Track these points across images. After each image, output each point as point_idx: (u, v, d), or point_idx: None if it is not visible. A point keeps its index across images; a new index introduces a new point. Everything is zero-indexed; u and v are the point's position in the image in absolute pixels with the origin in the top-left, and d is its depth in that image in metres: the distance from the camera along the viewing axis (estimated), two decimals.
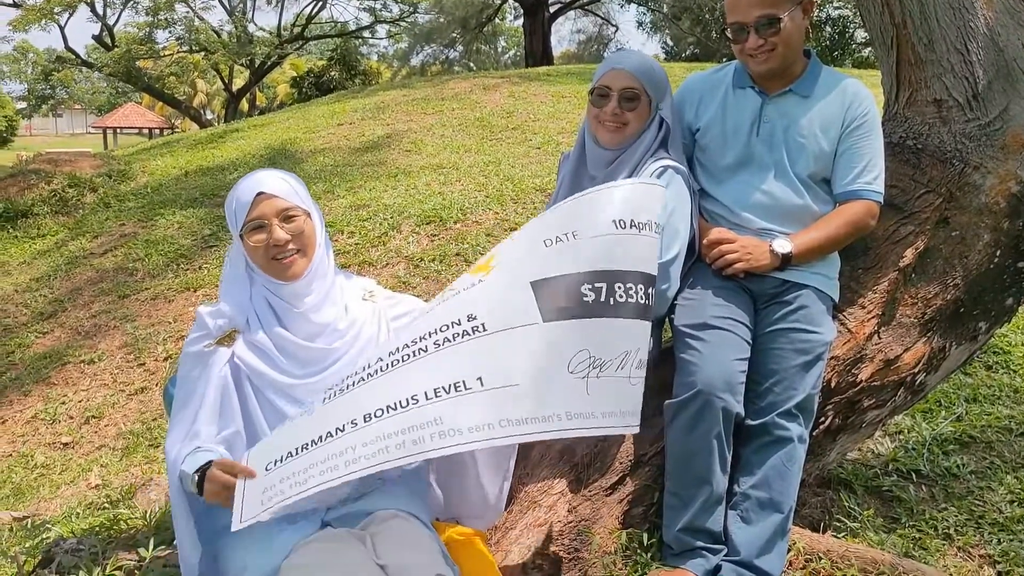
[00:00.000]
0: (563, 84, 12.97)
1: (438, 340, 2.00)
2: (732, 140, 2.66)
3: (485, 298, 2.05)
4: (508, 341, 1.98)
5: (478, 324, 2.00)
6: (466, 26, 32.46)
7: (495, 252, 2.18)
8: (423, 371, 1.97)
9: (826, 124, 2.58)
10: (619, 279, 2.07)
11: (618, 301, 2.06)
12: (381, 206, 7.40)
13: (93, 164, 10.56)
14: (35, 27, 25.52)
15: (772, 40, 2.50)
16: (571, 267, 2.06)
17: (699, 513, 2.42)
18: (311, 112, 13.39)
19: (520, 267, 2.08)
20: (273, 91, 47.27)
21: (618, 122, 2.60)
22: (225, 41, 29.11)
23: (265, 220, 2.20)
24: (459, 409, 1.89)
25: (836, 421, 2.83)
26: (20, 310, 7.03)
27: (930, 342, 2.87)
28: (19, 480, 4.57)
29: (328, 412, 2.01)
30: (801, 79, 2.62)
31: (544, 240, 2.10)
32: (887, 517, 3.11)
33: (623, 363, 2.04)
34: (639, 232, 2.12)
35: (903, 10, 2.82)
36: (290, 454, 1.96)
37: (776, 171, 2.61)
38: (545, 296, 2.03)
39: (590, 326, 2.02)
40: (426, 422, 1.87)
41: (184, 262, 7.19)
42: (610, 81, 2.61)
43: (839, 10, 28.09)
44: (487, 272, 2.11)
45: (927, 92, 2.88)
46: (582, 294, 2.04)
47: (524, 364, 1.96)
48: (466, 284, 2.12)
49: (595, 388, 2.00)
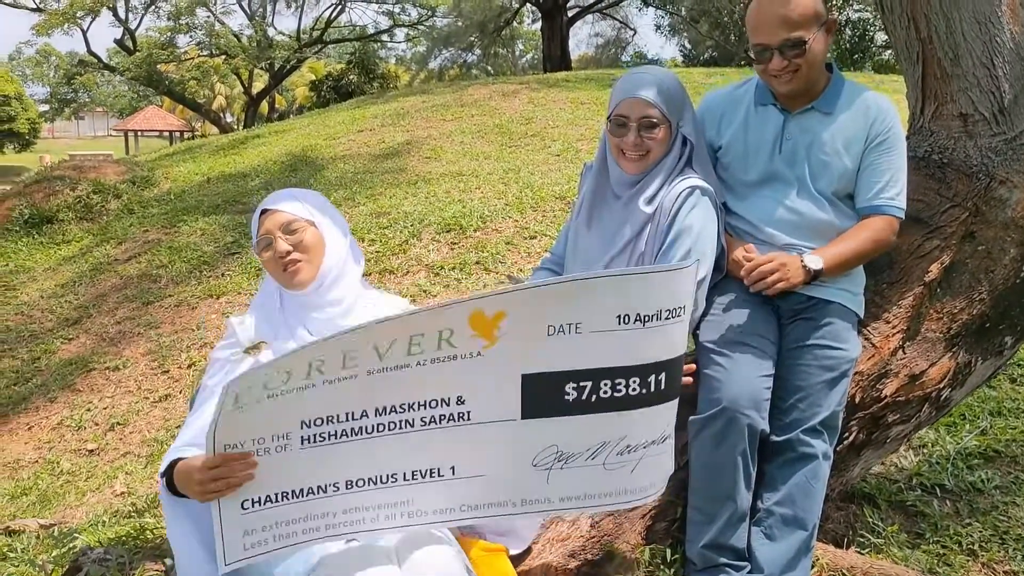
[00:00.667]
0: (582, 90, 12.98)
1: (424, 417, 2.08)
2: (754, 158, 2.66)
3: (478, 381, 2.10)
4: (485, 434, 2.11)
5: (464, 411, 2.10)
6: (484, 30, 32.50)
7: (506, 309, 2.11)
8: (405, 449, 2.09)
9: (849, 141, 2.56)
10: (607, 376, 2.14)
11: (601, 398, 2.13)
12: (401, 214, 7.44)
13: (117, 170, 10.66)
14: (58, 31, 25.81)
15: (796, 62, 2.47)
16: (564, 364, 2.13)
17: (723, 530, 2.42)
18: (331, 118, 13.46)
19: (518, 355, 2.12)
20: (292, 94, 47.49)
21: (640, 151, 2.55)
22: (245, 45, 29.34)
23: (270, 235, 2.28)
24: (429, 493, 2.10)
25: (860, 436, 2.82)
26: (46, 316, 7.11)
27: (956, 357, 2.86)
28: (45, 487, 4.62)
29: (311, 459, 2.03)
30: (823, 96, 2.60)
31: (549, 326, 2.12)
32: (911, 532, 3.10)
33: (596, 453, 2.15)
34: (643, 326, 2.14)
35: (929, 25, 2.81)
36: (270, 499, 2.01)
37: (800, 187, 2.61)
38: (530, 392, 2.12)
39: (564, 423, 2.13)
40: (400, 501, 2.09)
41: (207, 269, 7.25)
42: (627, 110, 2.56)
43: (859, 13, 27.95)
44: (489, 344, 2.10)
45: (953, 106, 2.87)
46: (565, 392, 2.13)
47: (493, 456, 2.13)
48: (466, 348, 2.08)
49: (556, 478, 2.14)
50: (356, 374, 2.05)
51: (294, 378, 2.01)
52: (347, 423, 2.06)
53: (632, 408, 2.16)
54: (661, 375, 2.17)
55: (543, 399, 2.14)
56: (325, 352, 2.02)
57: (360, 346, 2.05)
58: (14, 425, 5.47)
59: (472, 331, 2.11)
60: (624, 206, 2.61)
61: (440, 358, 2.10)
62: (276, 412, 2.01)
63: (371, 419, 2.07)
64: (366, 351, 2.06)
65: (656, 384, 2.17)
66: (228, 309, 6.39)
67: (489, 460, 2.14)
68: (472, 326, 2.12)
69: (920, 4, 2.80)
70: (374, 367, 2.07)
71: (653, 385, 2.17)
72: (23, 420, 5.50)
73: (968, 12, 2.75)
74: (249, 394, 1.98)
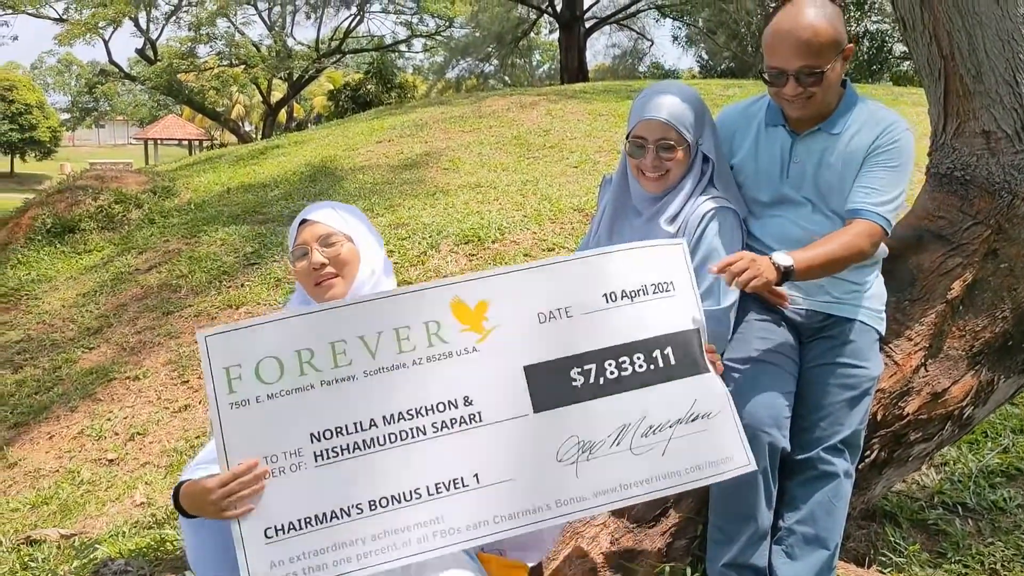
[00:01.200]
0: (600, 102, 12.99)
1: (435, 423, 2.06)
2: (765, 181, 2.64)
3: (480, 378, 2.11)
4: (502, 434, 2.08)
5: (474, 412, 2.08)
6: (501, 40, 32.61)
7: (488, 298, 2.15)
8: (423, 459, 2.05)
9: (854, 158, 2.51)
10: (610, 356, 2.14)
11: (609, 379, 2.13)
12: (420, 225, 7.46)
13: (138, 180, 10.75)
14: (80, 41, 26.11)
15: (811, 89, 2.44)
16: (562, 350, 2.14)
17: (744, 549, 2.42)
18: (350, 129, 13.53)
19: (515, 347, 2.13)
20: (310, 103, 47.81)
21: (659, 171, 2.54)
22: (265, 55, 29.57)
23: (307, 246, 2.27)
24: (458, 507, 2.02)
25: (882, 455, 2.81)
26: (67, 325, 7.17)
27: (978, 375, 2.85)
28: (66, 496, 4.66)
29: (329, 478, 2.01)
30: (832, 116, 2.55)
31: (539, 314, 2.15)
32: (933, 551, 3.07)
33: (619, 438, 2.10)
34: (632, 301, 2.17)
35: (951, 42, 2.81)
36: (293, 526, 1.97)
37: (813, 207, 2.58)
38: (536, 383, 2.11)
39: (578, 411, 2.11)
40: (430, 519, 2.00)
41: (227, 279, 7.30)
42: (644, 132, 2.54)
43: (877, 24, 27.85)
44: (482, 337, 2.13)
45: (975, 123, 2.86)
46: (571, 378, 2.12)
47: (516, 457, 2.07)
48: (459, 343, 2.11)
49: (585, 472, 2.08)
50: (353, 375, 2.06)
51: (287, 374, 2.02)
52: (357, 435, 2.04)
53: (644, 386, 2.14)
54: (667, 349, 2.17)
55: (551, 389, 2.12)
56: (309, 338, 2.05)
57: (346, 335, 2.07)
58: (35, 434, 5.51)
59: (460, 324, 2.13)
60: (645, 223, 2.60)
61: (435, 356, 2.11)
62: (281, 421, 2.01)
63: (381, 429, 2.06)
64: (353, 343, 2.07)
65: (664, 359, 2.16)
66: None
67: (512, 461, 2.08)
68: (458, 318, 2.13)
69: (943, 21, 2.79)
70: (369, 367, 2.07)
71: (661, 360, 2.16)
72: (44, 429, 5.55)
73: (991, 29, 2.74)
74: (239, 371, 1.99)
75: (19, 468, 5.14)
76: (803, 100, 2.47)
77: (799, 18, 2.40)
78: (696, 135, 2.55)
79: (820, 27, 2.38)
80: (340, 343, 2.07)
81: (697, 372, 2.17)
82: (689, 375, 2.16)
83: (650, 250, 2.26)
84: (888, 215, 2.46)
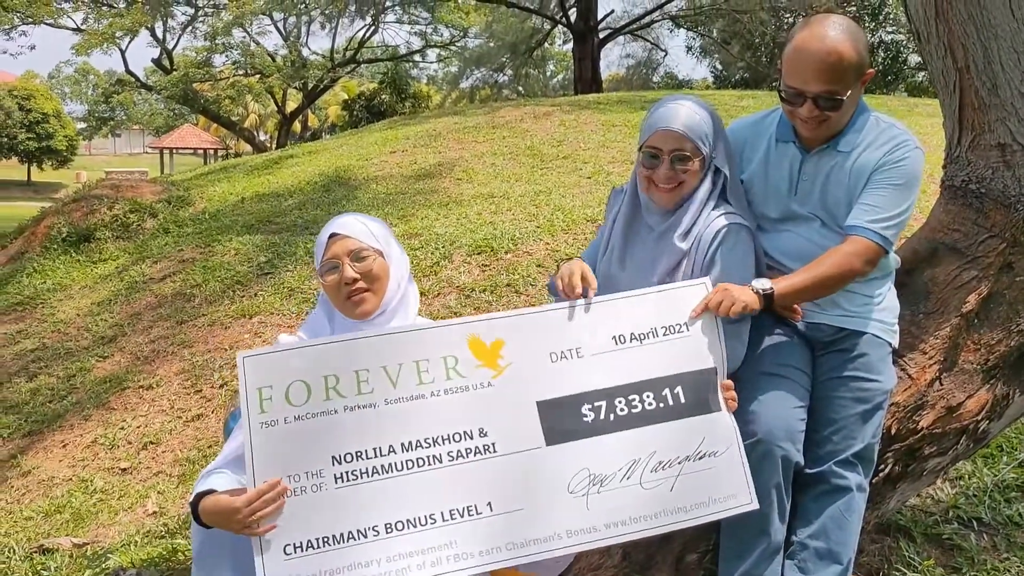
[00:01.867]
0: (613, 112, 13.00)
1: (451, 452, 2.17)
2: (773, 197, 2.62)
3: (495, 412, 2.22)
4: (515, 465, 2.18)
5: (489, 443, 2.19)
6: (515, 51, 32.67)
7: (503, 337, 2.28)
8: (438, 486, 2.15)
9: (861, 174, 2.48)
10: (619, 394, 2.25)
11: (619, 416, 2.24)
12: (433, 235, 7.48)
13: (154, 190, 10.83)
14: (97, 51, 26.30)
15: (828, 113, 2.41)
16: (573, 387, 2.25)
17: (756, 563, 2.40)
18: (364, 139, 13.58)
19: (528, 383, 2.25)
20: (324, 113, 48.02)
21: (672, 183, 2.50)
22: (280, 65, 29.74)
23: (338, 260, 2.28)
24: (471, 533, 2.11)
25: (896, 469, 2.79)
26: (82, 334, 7.22)
27: (993, 389, 2.83)
28: (79, 505, 4.68)
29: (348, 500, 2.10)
30: (843, 132, 2.52)
31: (551, 353, 2.28)
32: (947, 566, 3.05)
33: (629, 473, 2.20)
34: (641, 343, 2.30)
35: (966, 54, 2.79)
36: (311, 544, 2.06)
37: (821, 223, 2.57)
38: (548, 418, 2.22)
39: (589, 445, 2.21)
40: (443, 544, 2.09)
41: (240, 289, 7.32)
42: (659, 142, 2.49)
43: (892, 34, 27.79)
44: (497, 373, 2.25)
45: (990, 136, 2.84)
46: (582, 414, 2.23)
47: (529, 487, 2.17)
48: (476, 378, 2.24)
49: (596, 504, 2.17)
50: (375, 403, 2.17)
51: (313, 398, 2.13)
52: (376, 459, 2.13)
53: (653, 423, 2.24)
54: (676, 388, 2.26)
55: (563, 423, 2.22)
56: (336, 365, 2.16)
57: (370, 364, 2.19)
58: (49, 442, 5.54)
59: (477, 360, 2.26)
60: (657, 240, 2.58)
61: (452, 388, 2.22)
62: (305, 442, 2.10)
63: (399, 455, 2.15)
64: (376, 372, 2.19)
65: (674, 398, 2.26)
66: (261, 329, 6.44)
67: (524, 492, 2.16)
68: (475, 353, 2.26)
69: (957, 34, 2.78)
70: (390, 396, 2.18)
71: (670, 399, 2.26)
72: (58, 437, 5.58)
73: (1006, 42, 2.72)
74: (271, 391, 2.10)
75: (33, 476, 5.17)
76: (817, 123, 2.44)
77: (826, 40, 2.35)
78: (711, 148, 2.53)
79: (846, 52, 2.35)
80: (364, 371, 2.18)
81: (707, 411, 2.26)
82: (699, 414, 2.26)
83: (672, 292, 2.37)
84: (885, 232, 2.42)
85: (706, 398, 2.27)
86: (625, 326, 2.32)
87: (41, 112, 45.75)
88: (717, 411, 2.26)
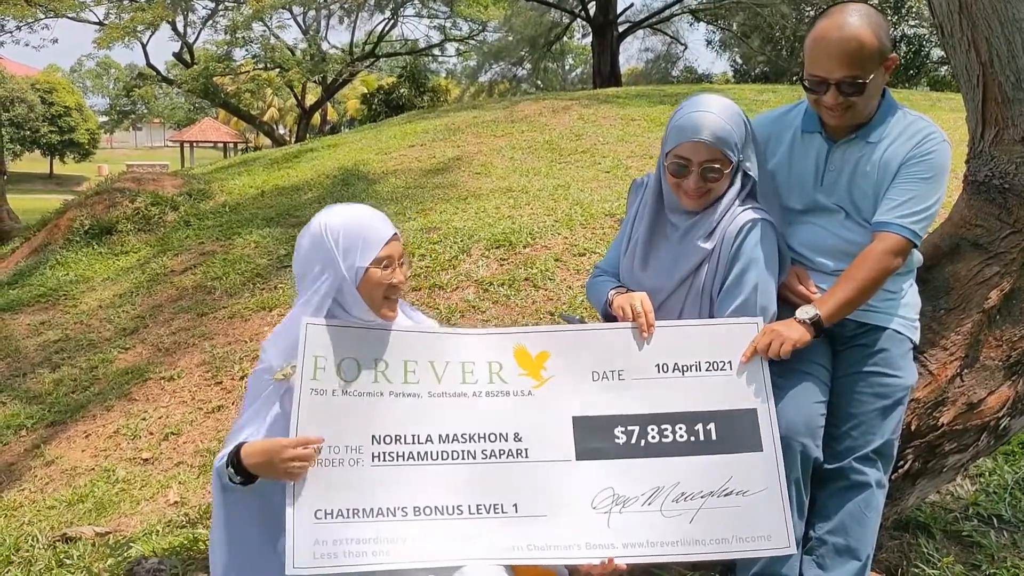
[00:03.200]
0: (633, 107, 12.96)
1: (486, 451, 2.26)
2: (799, 188, 2.63)
3: (532, 420, 2.31)
4: (544, 473, 2.26)
5: (522, 448, 2.27)
6: (534, 45, 32.62)
7: (550, 350, 2.38)
8: (469, 480, 2.23)
9: (889, 167, 2.49)
10: (653, 422, 2.32)
11: (650, 443, 2.31)
12: (451, 229, 7.48)
13: (175, 183, 10.89)
14: (118, 44, 26.44)
15: (852, 99, 2.42)
16: (609, 408, 2.33)
17: (775, 559, 2.40)
18: (383, 132, 13.61)
19: (567, 397, 2.33)
20: (343, 107, 48.09)
21: (701, 192, 2.49)
22: (299, 59, 29.77)
23: (391, 262, 2.31)
24: (497, 529, 2.19)
25: (916, 465, 2.78)
26: (104, 325, 7.27)
27: (1015, 385, 2.81)
28: (101, 494, 4.71)
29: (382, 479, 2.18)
30: (870, 124, 2.53)
31: (593, 372, 2.36)
32: (967, 563, 3.03)
33: (651, 499, 2.26)
34: (683, 375, 2.36)
35: (990, 49, 2.77)
36: (341, 513, 2.13)
37: (846, 215, 2.57)
38: (582, 433, 2.30)
39: (617, 466, 2.28)
40: (468, 535, 2.17)
41: (260, 281, 7.36)
42: (689, 153, 2.45)
43: (914, 29, 27.53)
44: (539, 384, 2.34)
45: (1014, 131, 2.82)
46: (615, 435, 2.31)
47: (554, 496, 2.25)
48: (517, 385, 2.33)
49: (617, 523, 2.24)
50: (418, 393, 2.26)
51: (363, 378, 2.22)
52: (414, 445, 2.22)
53: (682, 455, 2.30)
54: (709, 425, 2.32)
55: (595, 441, 2.30)
56: (388, 351, 2.26)
57: (419, 356, 2.29)
58: (72, 433, 5.59)
59: (520, 368, 2.35)
60: (680, 239, 2.57)
61: (494, 392, 2.31)
62: (349, 417, 2.19)
63: (436, 445, 2.23)
64: (424, 366, 2.29)
65: (706, 433, 2.32)
66: (280, 321, 6.47)
67: (549, 500, 2.24)
68: (519, 363, 2.35)
69: (981, 28, 2.76)
70: (434, 389, 2.27)
71: (702, 434, 2.32)
72: (81, 428, 5.63)
73: None
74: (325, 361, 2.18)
75: (56, 466, 5.22)
76: (842, 110, 2.46)
77: (844, 28, 2.38)
78: (739, 154, 2.50)
79: (865, 38, 2.37)
80: (412, 363, 2.29)
81: (740, 450, 2.30)
82: (730, 452, 2.30)
83: (724, 328, 2.42)
84: (915, 227, 2.44)
85: (742, 437, 2.31)
86: (670, 355, 2.38)
87: (63, 106, 46.11)
88: (757, 452, 2.30)
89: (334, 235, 2.26)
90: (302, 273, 2.31)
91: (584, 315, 5.31)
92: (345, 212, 2.32)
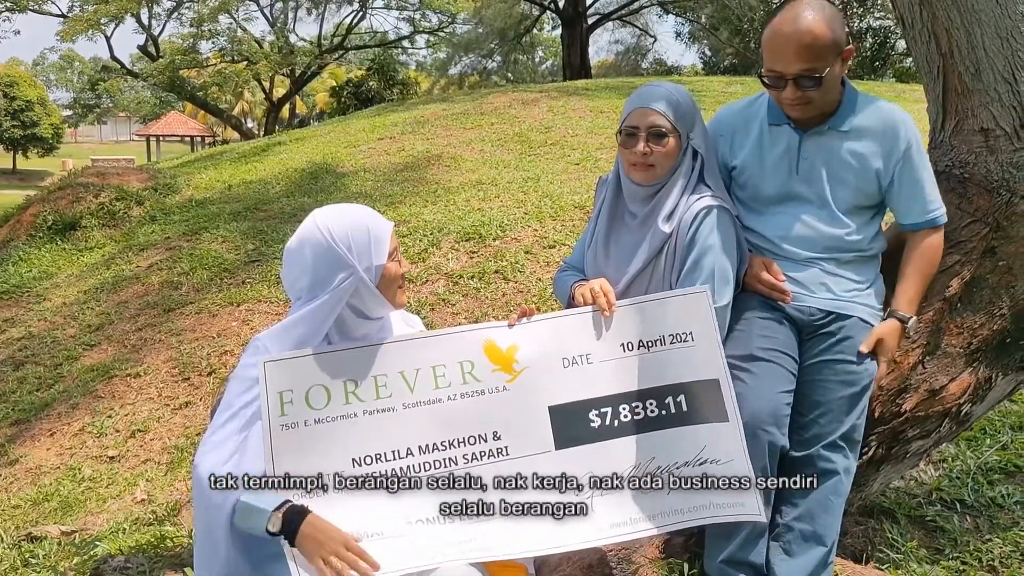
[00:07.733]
0: (602, 99, 12.99)
1: (467, 455, 2.25)
2: (771, 178, 2.64)
3: (509, 416, 2.30)
4: (525, 468, 2.26)
5: (502, 447, 2.27)
6: (504, 37, 32.64)
7: (519, 342, 2.35)
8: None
9: (866, 157, 2.54)
10: (624, 401, 2.34)
11: (623, 422, 2.32)
12: (421, 222, 7.47)
13: (140, 177, 10.76)
14: (82, 37, 26.11)
15: (809, 93, 2.46)
16: (581, 393, 2.33)
17: (742, 545, 2.42)
18: (352, 126, 13.53)
19: (541, 388, 2.32)
20: (312, 100, 47.82)
21: (649, 161, 2.54)
22: (267, 51, 29.58)
23: (397, 252, 2.32)
24: (488, 529, 2.18)
25: (880, 451, 2.81)
26: (68, 322, 7.18)
27: (976, 372, 2.85)
28: (67, 493, 4.67)
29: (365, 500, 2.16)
30: (838, 113, 2.57)
31: (563, 359, 2.35)
32: (931, 548, 3.08)
33: (630, 476, 2.28)
34: (648, 351, 2.38)
35: (950, 39, 2.80)
36: None
37: (818, 203, 2.60)
38: (559, 423, 2.30)
39: (594, 450, 2.29)
40: (459, 540, 2.15)
41: (228, 276, 7.30)
42: (637, 120, 2.56)
43: (880, 20, 27.78)
44: (512, 377, 2.32)
45: (974, 121, 2.85)
46: (589, 419, 2.31)
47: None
48: (491, 382, 2.30)
49: (599, 505, 2.25)
50: (393, 407, 2.23)
51: (333, 402, 2.19)
52: (394, 462, 2.20)
53: (654, 430, 2.31)
54: (679, 397, 2.33)
55: (572, 428, 2.29)
56: (355, 370, 2.22)
57: (388, 369, 2.25)
58: (37, 431, 5.52)
59: (492, 364, 2.32)
60: (640, 225, 2.61)
61: (468, 392, 2.28)
62: (326, 443, 2.17)
63: (416, 457, 2.22)
64: (394, 377, 2.25)
65: (676, 406, 2.33)
66: (249, 317, 6.43)
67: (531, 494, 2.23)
68: (490, 358, 2.33)
69: (941, 19, 2.79)
70: (408, 400, 2.25)
71: (672, 407, 2.33)
72: (45, 426, 5.56)
73: (990, 27, 2.74)
74: (292, 395, 2.15)
75: (20, 465, 5.15)
76: (802, 103, 2.50)
77: (797, 22, 2.42)
78: (687, 129, 2.57)
79: (819, 31, 2.40)
80: (382, 376, 2.25)
81: (710, 420, 2.32)
82: (700, 422, 2.32)
83: (673, 300, 2.43)
84: (940, 209, 2.63)
85: (710, 408, 2.33)
86: (633, 333, 2.39)
87: (25, 100, 45.41)
88: (723, 422, 2.31)
89: (343, 240, 2.19)
90: (310, 284, 2.22)
91: (553, 309, 5.32)
92: (343, 215, 2.26)
